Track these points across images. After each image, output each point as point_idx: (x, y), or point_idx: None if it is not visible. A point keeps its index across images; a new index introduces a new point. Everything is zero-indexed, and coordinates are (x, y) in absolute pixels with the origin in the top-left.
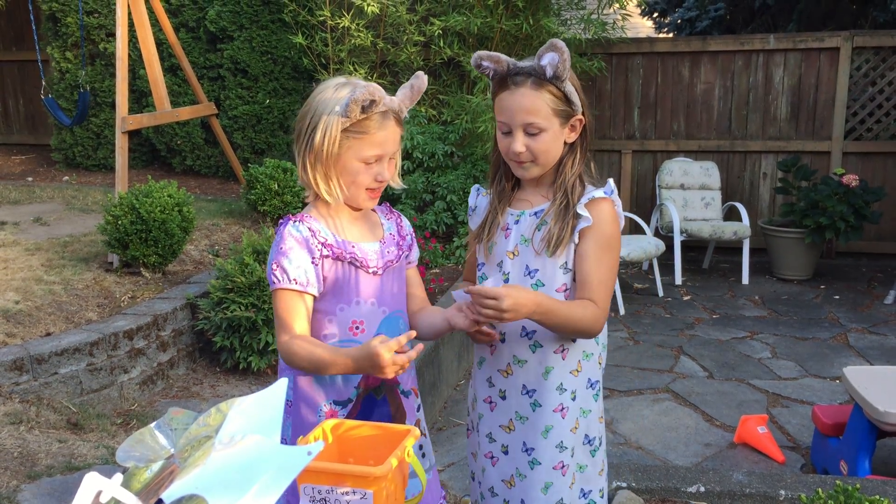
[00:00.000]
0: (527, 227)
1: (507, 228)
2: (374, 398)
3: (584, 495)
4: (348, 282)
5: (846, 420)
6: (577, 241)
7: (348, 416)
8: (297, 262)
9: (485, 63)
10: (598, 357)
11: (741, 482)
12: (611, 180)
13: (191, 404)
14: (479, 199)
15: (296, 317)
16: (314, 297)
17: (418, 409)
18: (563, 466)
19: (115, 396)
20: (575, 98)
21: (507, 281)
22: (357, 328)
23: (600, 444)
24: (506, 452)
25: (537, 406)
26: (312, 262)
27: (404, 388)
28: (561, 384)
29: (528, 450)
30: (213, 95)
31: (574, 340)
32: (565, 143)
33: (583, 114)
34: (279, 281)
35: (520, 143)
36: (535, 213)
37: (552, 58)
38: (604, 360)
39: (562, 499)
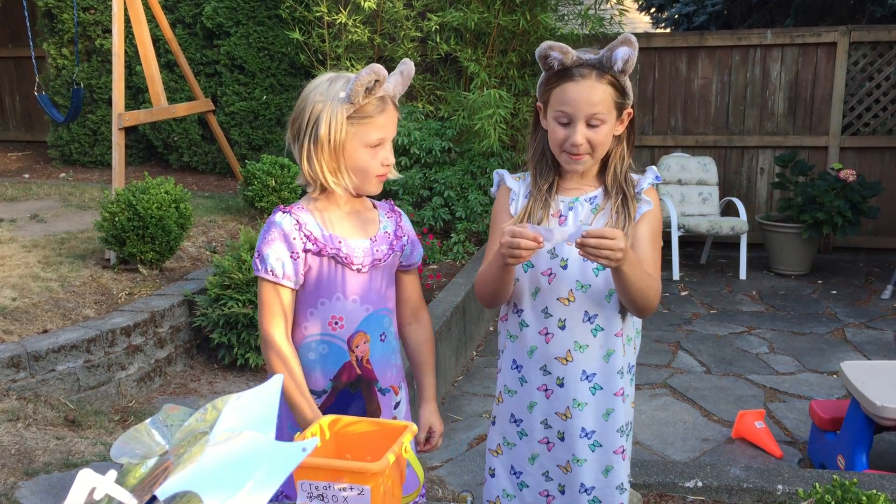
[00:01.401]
0: (584, 213)
1: (562, 215)
2: (349, 392)
3: None
4: (330, 277)
5: (843, 415)
6: (635, 220)
7: (322, 405)
8: (275, 253)
9: (553, 54)
10: (634, 342)
11: (739, 477)
12: (654, 167)
13: (189, 401)
14: (515, 183)
15: (271, 309)
16: (291, 289)
17: (396, 407)
18: (623, 451)
19: (112, 393)
20: (629, 91)
21: (565, 268)
22: (336, 324)
23: (631, 429)
24: (562, 439)
25: (598, 389)
26: (291, 257)
27: (382, 385)
28: (621, 368)
29: (588, 434)
30: (210, 92)
31: (624, 319)
32: (613, 135)
33: (631, 106)
34: (258, 269)
35: (581, 135)
36: (590, 200)
37: (626, 52)
38: (638, 345)
39: (622, 483)
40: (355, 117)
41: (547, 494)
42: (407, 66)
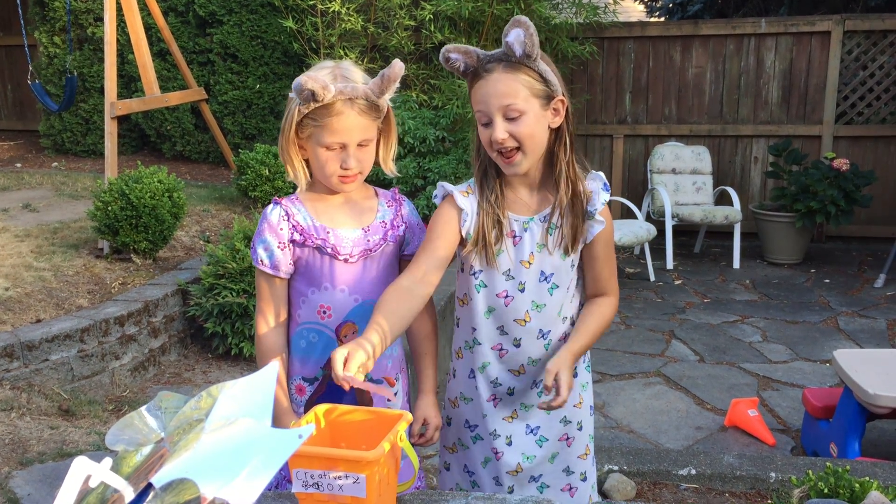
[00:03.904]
0: (540, 233)
1: (516, 236)
2: None
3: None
4: (318, 267)
5: (836, 403)
6: (587, 241)
7: (314, 394)
8: (265, 244)
9: (453, 56)
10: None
11: (732, 465)
12: (601, 173)
13: (183, 390)
14: (466, 201)
15: (261, 297)
16: (281, 278)
17: (390, 398)
18: (568, 438)
19: (106, 383)
20: (551, 77)
21: (522, 291)
22: (325, 313)
23: (588, 412)
24: (510, 444)
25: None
26: (279, 247)
27: (373, 376)
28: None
29: (533, 430)
30: (203, 80)
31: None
32: (550, 128)
33: (563, 94)
34: (254, 260)
35: (501, 130)
36: (543, 218)
37: (517, 34)
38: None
39: (568, 466)
40: (312, 117)
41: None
42: (391, 69)
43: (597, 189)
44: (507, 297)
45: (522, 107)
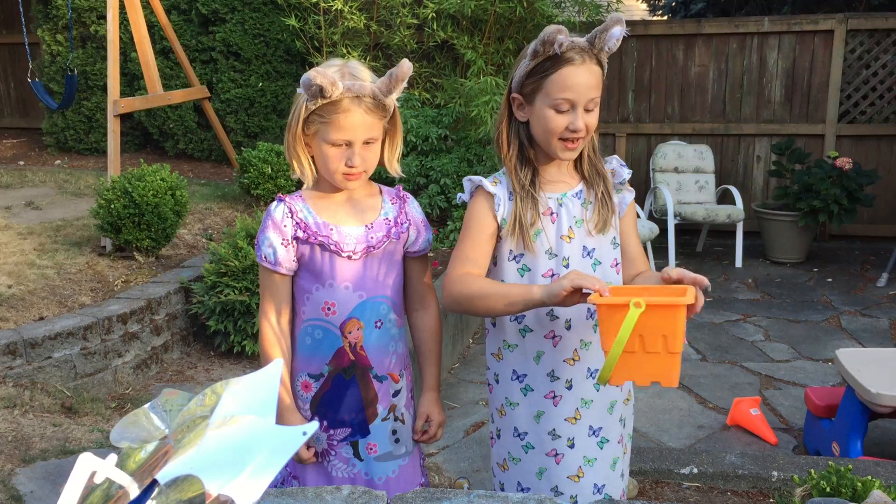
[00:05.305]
0: (575, 208)
1: (553, 213)
2: (343, 378)
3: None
4: (322, 264)
5: (838, 402)
6: (622, 214)
7: (320, 390)
8: (268, 241)
9: (561, 37)
10: None
11: (734, 463)
12: (615, 155)
13: (185, 388)
14: (496, 188)
15: (265, 293)
16: (285, 275)
17: (396, 395)
18: (622, 438)
19: (109, 380)
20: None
21: (567, 266)
22: (329, 309)
23: (629, 412)
24: (571, 446)
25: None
26: (282, 244)
27: (378, 372)
28: None
29: (595, 431)
30: (206, 79)
31: None
32: None
33: None
34: (258, 256)
35: (582, 120)
36: (577, 195)
37: (621, 32)
38: None
39: (622, 471)
40: (319, 114)
41: None
42: (399, 69)
43: (616, 166)
44: (553, 275)
45: (598, 99)
